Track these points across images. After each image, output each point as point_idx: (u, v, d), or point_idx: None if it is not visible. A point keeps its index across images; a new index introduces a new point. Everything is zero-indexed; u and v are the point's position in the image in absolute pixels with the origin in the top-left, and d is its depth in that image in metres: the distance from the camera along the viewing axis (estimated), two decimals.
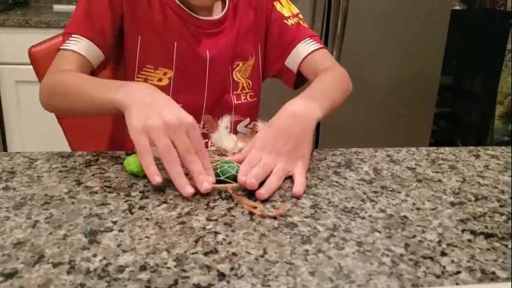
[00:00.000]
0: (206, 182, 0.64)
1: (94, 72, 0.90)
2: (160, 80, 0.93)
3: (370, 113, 2.18)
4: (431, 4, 2.07)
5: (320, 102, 0.79)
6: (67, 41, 0.87)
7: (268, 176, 0.68)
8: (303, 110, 0.75)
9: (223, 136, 0.80)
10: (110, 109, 0.71)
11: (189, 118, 0.66)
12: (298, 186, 0.67)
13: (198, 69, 0.95)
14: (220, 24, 0.96)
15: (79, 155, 0.77)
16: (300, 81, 1.03)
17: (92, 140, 1.07)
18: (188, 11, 0.93)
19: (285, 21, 1.01)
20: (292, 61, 1.00)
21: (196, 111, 0.94)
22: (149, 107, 0.66)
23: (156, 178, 0.63)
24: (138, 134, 0.64)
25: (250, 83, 1.01)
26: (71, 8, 2.49)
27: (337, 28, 1.99)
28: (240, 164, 0.70)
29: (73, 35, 0.87)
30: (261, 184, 0.66)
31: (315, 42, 1.00)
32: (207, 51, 0.95)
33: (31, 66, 1.13)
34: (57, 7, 2.50)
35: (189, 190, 0.63)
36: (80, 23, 0.89)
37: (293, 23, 1.01)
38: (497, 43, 2.72)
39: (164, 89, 0.92)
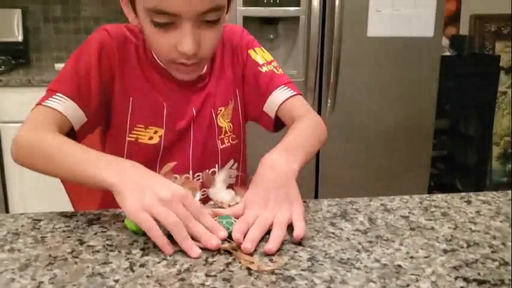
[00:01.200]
0: (213, 239, 0.67)
1: (76, 134, 0.91)
2: (151, 138, 0.96)
3: (368, 160, 2.21)
4: (422, 51, 2.14)
5: (295, 155, 0.83)
6: (50, 98, 0.88)
7: (269, 230, 0.70)
8: (279, 163, 0.79)
9: (220, 190, 0.83)
10: (96, 186, 0.74)
11: (180, 189, 0.70)
12: (298, 231, 0.70)
13: (186, 124, 0.99)
14: (204, 79, 1.01)
15: (81, 214, 0.79)
16: (279, 124, 1.07)
17: (93, 196, 1.10)
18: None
19: (259, 68, 1.06)
20: (270, 107, 1.05)
21: (184, 162, 0.99)
22: (141, 187, 0.69)
23: (169, 248, 0.66)
24: (138, 213, 0.66)
25: (231, 126, 1.05)
26: None
27: (330, 77, 2.05)
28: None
29: (57, 94, 0.89)
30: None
31: (289, 89, 1.05)
32: (193, 108, 0.99)
33: None
34: (58, 66, 2.57)
35: (197, 251, 0.65)
36: (66, 83, 0.90)
37: (267, 70, 1.06)
38: (489, 86, 2.79)
39: (155, 147, 0.96)
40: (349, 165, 2.20)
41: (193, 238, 0.67)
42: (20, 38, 2.65)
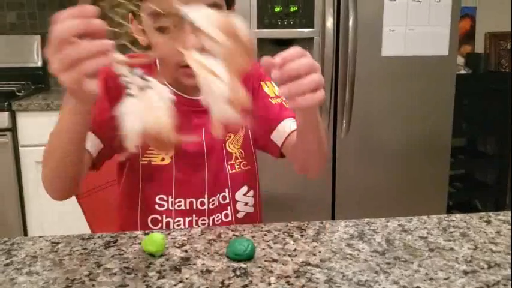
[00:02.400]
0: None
1: (94, 160, 0.93)
2: (163, 159, 0.98)
3: (384, 180, 2.19)
4: (437, 70, 2.13)
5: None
6: None
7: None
8: None
9: None
10: (80, 123, 0.77)
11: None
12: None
13: (195, 145, 1.00)
14: None
15: (98, 237, 0.80)
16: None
17: (110, 219, 1.10)
18: (178, 92, 0.97)
19: (270, 99, 1.08)
20: (278, 136, 1.06)
21: (199, 184, 1.00)
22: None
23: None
24: (60, 76, 0.62)
25: (243, 152, 1.06)
26: None
27: (345, 98, 2.05)
28: None
29: None
30: None
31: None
32: (203, 129, 1.00)
33: None
34: None
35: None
36: None
37: (277, 102, 1.08)
38: (506, 103, 2.76)
39: (168, 168, 0.98)
40: (365, 185, 2.18)
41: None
42: (39, 63, 2.71)
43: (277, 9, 1.99)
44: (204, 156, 1.01)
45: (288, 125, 1.06)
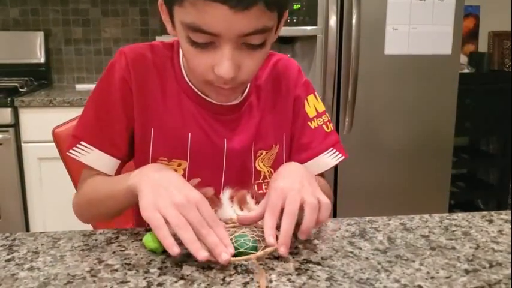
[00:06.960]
0: (224, 253, 0.65)
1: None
2: (175, 171, 0.88)
3: (386, 178, 2.19)
4: (440, 68, 2.13)
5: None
6: (75, 148, 0.88)
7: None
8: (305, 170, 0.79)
9: (227, 208, 0.81)
10: (129, 198, 0.76)
11: (197, 194, 0.69)
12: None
13: (214, 158, 0.91)
14: (238, 109, 0.92)
15: (100, 233, 0.80)
16: None
17: None
18: (204, 96, 0.90)
19: (308, 122, 0.98)
20: (311, 168, 0.96)
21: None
22: (158, 188, 0.69)
23: (175, 249, 0.64)
24: (149, 211, 0.67)
25: (273, 171, 0.96)
26: (92, 86, 2.61)
27: (348, 96, 2.05)
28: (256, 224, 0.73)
29: (81, 143, 0.88)
30: None
31: (337, 152, 0.98)
32: (225, 139, 0.91)
33: (53, 144, 1.18)
34: (79, 86, 2.62)
35: (203, 254, 0.64)
36: (91, 131, 0.89)
37: (316, 126, 0.98)
38: (509, 103, 2.75)
39: None
40: (367, 183, 2.18)
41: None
42: (42, 60, 2.71)
43: None
44: (222, 169, 0.92)
45: (325, 162, 0.97)
